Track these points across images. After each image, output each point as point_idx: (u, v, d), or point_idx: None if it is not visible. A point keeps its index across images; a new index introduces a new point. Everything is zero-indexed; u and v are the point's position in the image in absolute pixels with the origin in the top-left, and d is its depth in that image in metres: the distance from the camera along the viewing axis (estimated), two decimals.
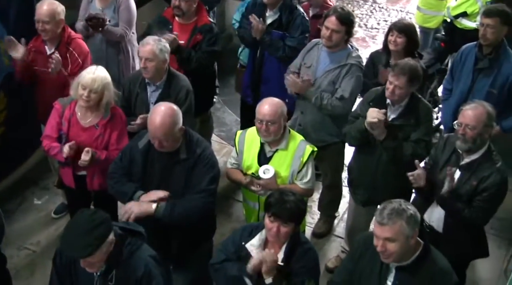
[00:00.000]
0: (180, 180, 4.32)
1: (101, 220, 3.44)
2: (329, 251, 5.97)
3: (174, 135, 4.22)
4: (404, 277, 3.45)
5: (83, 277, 3.61)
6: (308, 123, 5.49)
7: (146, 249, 3.68)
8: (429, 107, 4.87)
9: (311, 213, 6.34)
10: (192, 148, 4.32)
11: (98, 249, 3.39)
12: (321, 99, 5.24)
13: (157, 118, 4.17)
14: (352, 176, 5.25)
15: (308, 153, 4.58)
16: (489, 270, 5.69)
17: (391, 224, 3.31)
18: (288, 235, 3.68)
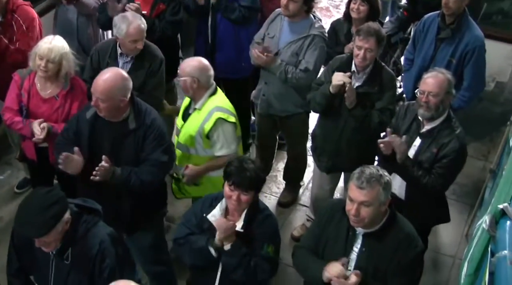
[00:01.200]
0: (130, 152, 4.27)
1: (56, 198, 3.37)
2: (294, 220, 6.03)
3: (113, 100, 4.10)
4: (370, 243, 3.49)
5: (40, 255, 3.56)
6: (272, 93, 5.50)
7: (103, 226, 3.64)
8: (392, 75, 4.91)
9: (276, 183, 6.39)
10: (141, 118, 4.25)
11: (53, 229, 3.32)
12: (285, 73, 5.24)
13: (102, 76, 4.12)
14: (316, 143, 5.27)
15: (214, 119, 4.53)
16: (451, 235, 5.81)
17: (369, 188, 3.33)
18: (248, 203, 3.69)
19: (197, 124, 4.59)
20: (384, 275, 3.49)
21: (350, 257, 3.53)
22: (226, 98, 4.74)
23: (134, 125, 4.22)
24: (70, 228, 3.44)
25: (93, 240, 3.53)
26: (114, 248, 3.59)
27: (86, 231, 3.52)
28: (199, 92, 4.58)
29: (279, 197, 6.20)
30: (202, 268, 3.88)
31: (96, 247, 3.52)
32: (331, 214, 3.64)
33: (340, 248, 3.51)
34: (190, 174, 4.73)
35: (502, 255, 2.53)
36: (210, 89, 4.62)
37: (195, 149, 4.72)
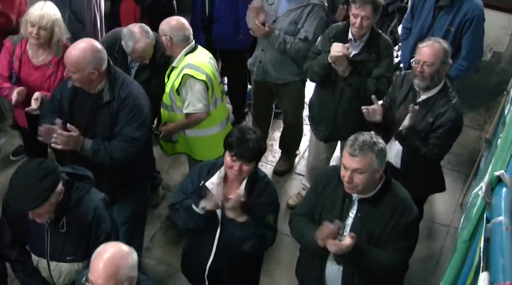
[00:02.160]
0: (105, 125, 4.22)
1: (48, 170, 3.36)
2: (290, 188, 6.05)
3: (83, 72, 4.03)
4: (366, 209, 3.51)
5: (34, 226, 3.57)
6: (269, 61, 5.48)
7: (95, 192, 3.65)
8: (389, 42, 4.89)
9: (272, 152, 6.39)
10: (116, 90, 4.18)
11: (46, 201, 3.33)
12: (284, 43, 5.21)
13: (74, 47, 4.06)
14: (313, 112, 5.26)
15: (181, 76, 4.59)
16: (445, 204, 5.85)
17: (361, 156, 3.33)
18: (249, 173, 3.69)
19: (172, 81, 4.66)
20: (379, 240, 3.51)
21: (346, 223, 3.55)
22: (204, 56, 4.77)
23: (108, 98, 4.16)
24: (63, 197, 3.45)
25: (87, 207, 3.55)
26: (107, 213, 3.63)
27: (79, 199, 3.53)
28: (175, 50, 4.65)
29: (275, 166, 6.21)
30: (199, 234, 3.89)
31: (91, 213, 3.54)
32: (327, 181, 3.65)
33: (336, 215, 3.52)
34: (164, 130, 4.88)
35: (498, 221, 2.53)
36: (187, 48, 4.66)
37: (172, 107, 4.79)
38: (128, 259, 3.00)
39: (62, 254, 3.60)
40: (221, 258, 3.87)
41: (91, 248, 3.19)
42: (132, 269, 3.01)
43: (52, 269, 3.68)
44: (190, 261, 4.15)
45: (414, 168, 4.49)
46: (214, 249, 3.86)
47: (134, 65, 5.00)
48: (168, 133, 4.91)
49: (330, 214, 3.54)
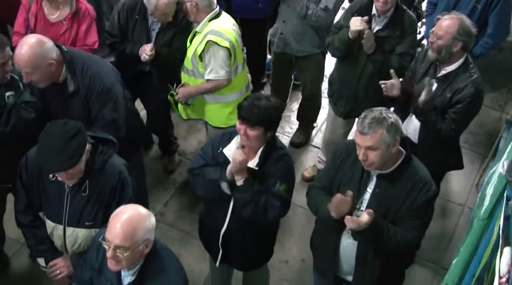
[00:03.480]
0: (79, 114, 4.10)
1: (76, 129, 3.38)
2: (306, 160, 6.04)
3: (41, 68, 3.88)
4: (384, 185, 3.48)
5: (53, 190, 3.57)
6: (290, 32, 5.43)
7: (118, 157, 3.65)
8: (413, 19, 4.82)
9: (289, 123, 6.38)
10: (78, 77, 4.06)
11: (80, 159, 3.34)
12: (306, 8, 5.15)
13: (20, 50, 3.85)
14: (333, 88, 5.22)
15: (205, 41, 4.55)
16: (461, 183, 5.82)
17: (371, 133, 3.31)
18: (257, 139, 3.64)
19: (194, 46, 4.62)
20: (395, 217, 3.49)
21: (363, 198, 3.53)
22: (228, 22, 4.72)
23: (73, 88, 4.06)
24: (89, 159, 3.45)
25: (112, 171, 3.55)
26: (130, 178, 3.63)
27: (104, 162, 3.53)
28: (199, 16, 4.60)
29: (292, 137, 6.20)
30: (214, 202, 3.91)
31: (116, 177, 3.55)
32: (346, 155, 3.63)
33: (354, 189, 3.49)
34: (182, 92, 4.84)
35: None
36: (211, 14, 4.61)
37: (193, 72, 4.75)
38: (146, 222, 3.02)
39: (80, 219, 3.59)
40: (235, 226, 3.88)
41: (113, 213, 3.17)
42: (148, 232, 3.03)
43: (68, 235, 3.67)
44: (205, 228, 4.18)
45: (431, 143, 4.46)
46: (228, 217, 3.86)
47: (154, 28, 4.97)
48: (185, 96, 4.86)
49: (347, 188, 3.52)
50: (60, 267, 3.75)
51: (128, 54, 4.96)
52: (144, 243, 3.02)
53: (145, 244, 3.03)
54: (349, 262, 3.71)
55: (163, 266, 3.16)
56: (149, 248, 3.07)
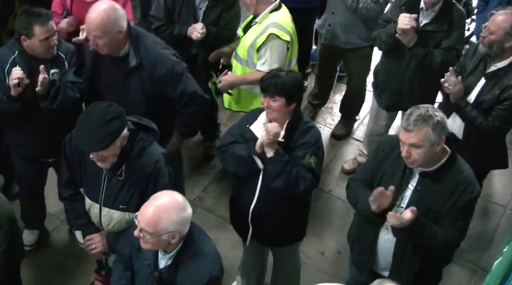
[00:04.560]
0: (137, 92, 4.15)
1: (116, 114, 3.40)
2: (346, 153, 6.02)
3: (110, 33, 3.92)
4: (427, 183, 3.44)
5: (92, 169, 3.61)
6: (338, 24, 5.40)
7: (157, 146, 3.67)
8: (462, 13, 4.75)
9: (331, 114, 6.36)
10: (142, 55, 4.08)
11: (112, 143, 3.36)
12: (357, 1, 5.11)
13: (92, 12, 3.93)
14: (378, 80, 5.19)
15: (267, 34, 4.47)
16: (504, 184, 5.73)
17: (416, 130, 3.27)
18: (281, 110, 3.70)
19: (253, 37, 4.56)
20: (436, 216, 3.45)
21: (404, 194, 3.50)
22: (288, 16, 4.65)
23: (135, 62, 4.08)
24: (126, 144, 3.47)
25: (148, 159, 3.57)
26: (167, 168, 3.63)
27: (142, 149, 3.55)
28: (260, 7, 4.53)
29: (333, 129, 6.17)
30: (244, 179, 3.95)
31: (151, 165, 3.56)
32: (390, 150, 3.59)
33: (395, 184, 3.45)
34: (226, 79, 4.73)
35: None
36: (273, 5, 4.55)
37: (247, 61, 4.70)
38: (174, 215, 3.02)
39: (115, 202, 3.63)
40: (264, 201, 3.90)
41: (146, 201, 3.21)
42: (174, 225, 3.03)
43: (103, 215, 3.72)
44: (235, 206, 4.22)
45: (475, 140, 4.39)
46: (257, 192, 3.89)
47: (202, 6, 4.96)
48: (229, 85, 4.81)
49: (389, 183, 3.48)
50: (96, 242, 3.80)
51: (176, 36, 4.97)
52: (169, 235, 3.04)
53: (170, 235, 3.05)
54: (386, 257, 3.68)
55: (199, 254, 3.18)
56: (176, 239, 3.08)
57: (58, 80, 4.09)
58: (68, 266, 4.90)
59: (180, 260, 3.20)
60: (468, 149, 4.19)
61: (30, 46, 4.01)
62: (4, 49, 4.15)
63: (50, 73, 4.06)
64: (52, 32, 4.00)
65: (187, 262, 3.18)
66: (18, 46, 4.04)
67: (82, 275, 4.76)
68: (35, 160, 4.48)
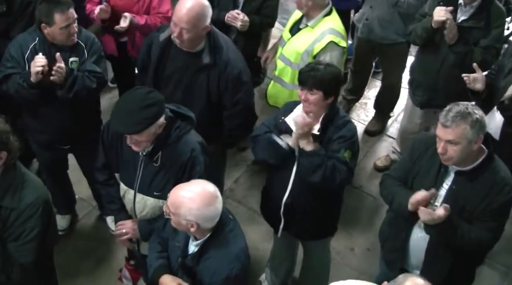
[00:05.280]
0: (202, 89, 4.18)
1: (155, 100, 3.41)
2: (379, 149, 5.99)
3: (197, 28, 3.98)
4: (462, 182, 3.40)
5: (129, 155, 3.64)
6: (376, 18, 5.36)
7: (194, 134, 3.67)
8: (502, 10, 4.67)
9: (365, 110, 6.32)
10: (217, 53, 4.12)
11: (146, 129, 3.37)
12: None
13: (184, 4, 3.96)
14: (413, 76, 5.14)
15: (326, 42, 4.41)
16: None
17: (454, 127, 3.22)
18: (318, 104, 3.69)
19: (307, 42, 4.47)
20: (470, 215, 3.41)
21: (439, 193, 3.46)
22: (339, 20, 4.59)
23: (208, 60, 4.11)
24: (163, 132, 3.48)
25: (184, 147, 3.57)
26: (203, 157, 3.63)
27: (178, 137, 3.56)
28: (314, 10, 4.47)
29: (367, 125, 6.14)
30: (276, 170, 3.95)
31: (187, 154, 3.57)
32: (426, 147, 3.56)
33: (430, 182, 3.43)
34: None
35: None
36: (326, 9, 4.49)
37: (298, 65, 4.59)
38: (197, 206, 3.06)
39: (150, 188, 3.64)
40: (297, 194, 3.90)
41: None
42: (192, 216, 3.06)
43: (137, 201, 3.73)
44: (267, 197, 4.22)
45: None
46: (290, 184, 3.89)
47: None
48: None
49: (423, 181, 3.47)
50: (127, 227, 3.82)
51: (214, 20, 4.96)
52: (188, 222, 3.08)
53: (189, 224, 3.09)
54: (418, 256, 3.65)
55: (224, 249, 3.19)
56: (194, 228, 3.09)
57: (76, 69, 4.11)
58: (98, 252, 4.96)
59: (205, 250, 3.22)
60: (504, 149, 4.11)
61: (50, 34, 4.04)
62: (25, 35, 4.18)
63: (69, 61, 4.09)
64: (72, 20, 4.02)
65: (211, 254, 3.21)
66: (39, 33, 4.08)
67: (111, 262, 4.83)
68: (50, 146, 4.50)
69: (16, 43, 4.15)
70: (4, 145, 3.14)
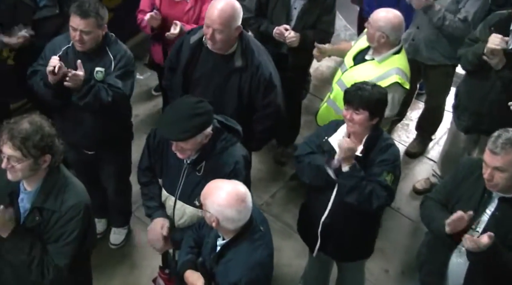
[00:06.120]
0: (233, 92, 4.20)
1: (204, 110, 3.45)
2: (418, 172, 5.92)
3: (229, 29, 4.02)
4: (506, 209, 3.35)
5: (173, 162, 3.67)
6: (422, 39, 5.30)
7: (240, 147, 3.69)
8: None
9: (406, 131, 6.27)
10: (248, 56, 4.14)
11: (192, 138, 3.40)
12: (443, 19, 5.00)
13: (216, 6, 4.00)
14: (458, 100, 5.05)
15: (391, 81, 4.27)
16: None
17: (503, 154, 3.19)
18: (362, 124, 3.66)
19: (370, 76, 4.27)
20: None
21: (481, 219, 3.41)
22: (407, 60, 4.48)
23: (240, 63, 4.14)
24: (209, 142, 3.51)
25: (229, 159, 3.60)
26: (245, 171, 3.66)
27: (223, 149, 3.58)
28: (384, 48, 4.35)
29: (408, 146, 6.08)
30: (318, 190, 3.93)
31: (230, 166, 3.59)
32: (470, 172, 3.52)
33: (472, 208, 3.38)
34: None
35: None
36: (396, 47, 4.38)
37: None
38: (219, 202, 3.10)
39: (191, 197, 3.66)
40: (336, 215, 3.88)
41: None
42: (214, 209, 3.11)
43: (177, 208, 3.76)
44: (305, 215, 4.21)
45: None
46: (330, 204, 3.87)
47: (296, 6, 4.94)
48: None
49: (465, 206, 3.41)
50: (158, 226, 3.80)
51: (262, 32, 4.99)
52: (210, 215, 3.12)
53: (212, 216, 3.12)
54: (457, 281, 3.58)
55: (242, 255, 3.19)
56: (215, 223, 3.13)
57: (101, 79, 4.12)
58: (132, 257, 5.01)
59: (226, 252, 3.25)
60: None
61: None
62: (63, 37, 4.24)
63: (94, 70, 4.12)
64: (78, 27, 3.99)
65: (231, 257, 3.23)
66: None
67: (146, 268, 4.85)
68: (76, 149, 4.50)
69: (53, 43, 4.25)
70: (49, 148, 3.18)
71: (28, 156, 3.11)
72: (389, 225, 5.27)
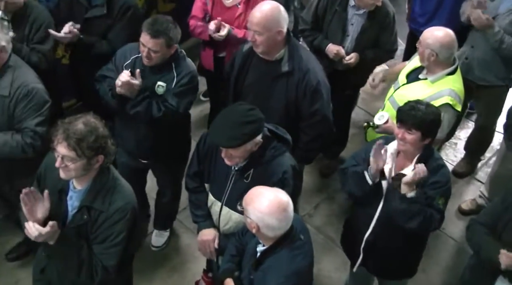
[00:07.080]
0: (280, 97, 4.18)
1: (255, 118, 3.46)
2: (465, 192, 5.83)
3: (270, 31, 4.00)
4: None
5: (221, 168, 3.68)
6: (476, 59, 5.21)
7: (289, 157, 3.68)
8: None
9: (455, 150, 6.18)
10: (296, 61, 4.12)
11: (243, 144, 3.41)
12: (501, 42, 4.91)
13: (258, 8, 4.02)
14: (510, 120, 4.95)
15: (442, 102, 4.16)
16: None
17: None
18: (414, 144, 3.61)
19: (422, 95, 4.19)
20: None
21: None
22: (461, 82, 4.36)
23: (287, 68, 4.12)
24: (258, 150, 3.52)
25: (277, 168, 3.59)
26: (293, 181, 3.64)
27: (272, 157, 3.59)
28: (437, 66, 4.26)
29: (455, 166, 5.99)
30: (363, 205, 3.90)
31: (279, 175, 3.58)
32: None
33: None
34: (384, 127, 4.30)
35: None
36: (451, 68, 4.28)
37: None
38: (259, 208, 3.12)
39: (237, 203, 3.67)
40: (380, 231, 3.85)
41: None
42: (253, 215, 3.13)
43: (223, 214, 3.78)
44: (349, 230, 4.18)
45: None
46: (374, 221, 3.84)
47: (353, 22, 4.91)
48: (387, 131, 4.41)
49: None
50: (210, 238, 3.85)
51: (314, 46, 4.98)
52: (250, 220, 3.15)
53: (252, 222, 3.14)
54: None
55: (278, 264, 3.19)
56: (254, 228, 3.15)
57: (162, 93, 4.14)
58: (173, 261, 5.03)
59: (264, 259, 3.26)
60: None
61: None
62: (135, 45, 4.23)
63: (156, 84, 4.14)
64: (147, 45, 3.99)
65: (269, 264, 3.23)
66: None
67: (186, 272, 4.89)
68: (132, 155, 4.53)
69: (124, 50, 4.29)
70: (102, 149, 3.22)
71: (82, 156, 3.15)
72: (433, 244, 5.19)
